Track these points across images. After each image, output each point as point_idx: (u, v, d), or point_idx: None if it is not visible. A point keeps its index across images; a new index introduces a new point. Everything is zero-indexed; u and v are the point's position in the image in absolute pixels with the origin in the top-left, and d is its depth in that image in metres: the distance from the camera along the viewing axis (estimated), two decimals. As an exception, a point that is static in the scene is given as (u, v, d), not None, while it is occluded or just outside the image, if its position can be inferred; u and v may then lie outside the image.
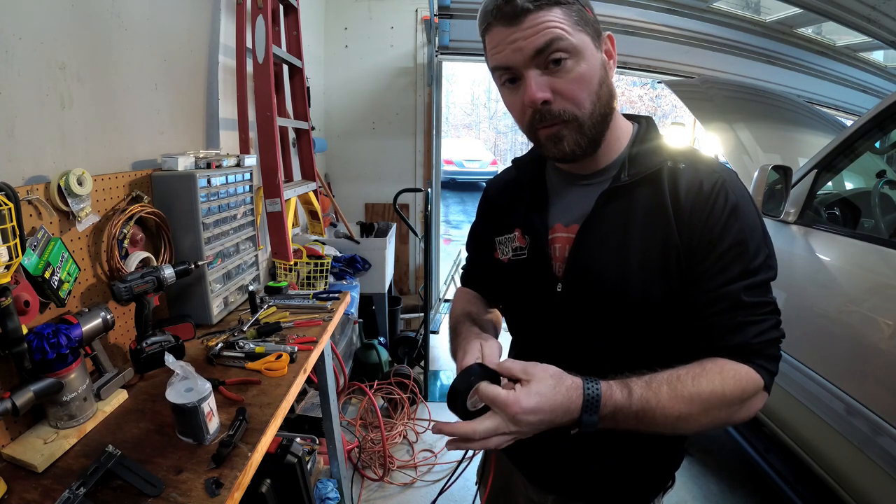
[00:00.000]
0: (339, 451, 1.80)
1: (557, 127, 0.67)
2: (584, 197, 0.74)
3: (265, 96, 1.80)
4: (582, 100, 0.65)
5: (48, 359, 0.86)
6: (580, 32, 0.63)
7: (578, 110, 0.65)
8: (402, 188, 3.25)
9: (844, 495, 1.39)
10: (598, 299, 0.71)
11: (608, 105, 0.68)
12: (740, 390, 0.63)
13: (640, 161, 0.71)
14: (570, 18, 0.63)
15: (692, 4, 2.38)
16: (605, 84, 0.67)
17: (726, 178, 0.68)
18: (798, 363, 1.55)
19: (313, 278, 2.21)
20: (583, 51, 0.63)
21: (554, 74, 0.64)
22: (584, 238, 0.72)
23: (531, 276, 0.78)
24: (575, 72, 0.63)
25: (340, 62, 3.49)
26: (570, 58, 0.63)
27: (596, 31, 0.66)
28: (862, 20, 2.03)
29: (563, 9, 0.62)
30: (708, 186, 0.67)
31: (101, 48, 1.20)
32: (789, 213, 1.73)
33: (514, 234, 0.81)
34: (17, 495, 0.78)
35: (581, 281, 0.72)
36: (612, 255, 0.70)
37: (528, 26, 0.62)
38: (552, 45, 0.62)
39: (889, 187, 1.88)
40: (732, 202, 0.66)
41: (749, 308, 0.65)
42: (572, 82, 0.64)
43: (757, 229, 0.67)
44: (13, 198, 0.83)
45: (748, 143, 2.35)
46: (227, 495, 0.78)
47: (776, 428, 1.70)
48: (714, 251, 0.65)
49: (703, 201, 0.66)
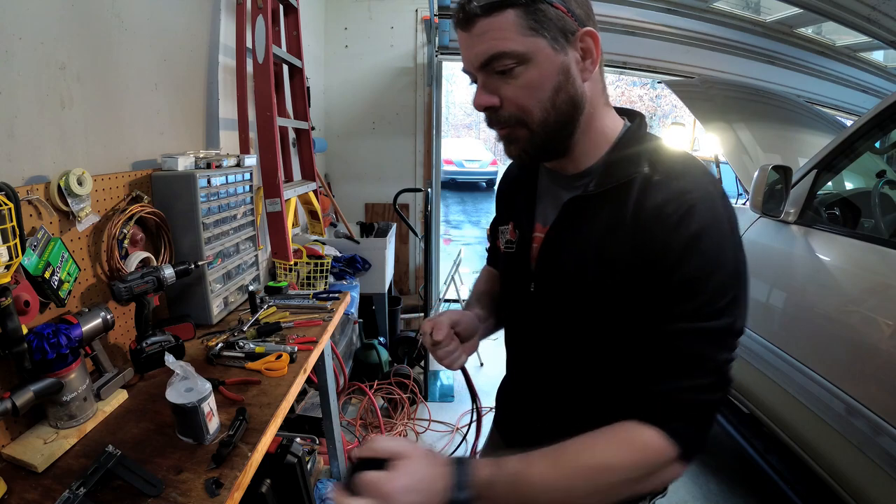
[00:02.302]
0: (339, 451, 1.80)
1: (506, 130, 0.66)
2: (560, 199, 0.72)
3: (265, 96, 1.80)
4: (529, 107, 0.63)
5: (48, 359, 0.86)
6: (533, 37, 0.60)
7: (526, 117, 0.63)
8: (402, 188, 3.25)
9: (844, 495, 1.39)
10: (564, 302, 0.71)
11: (567, 112, 0.64)
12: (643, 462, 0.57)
13: (614, 170, 0.66)
14: (523, 21, 0.59)
15: (692, 4, 2.37)
16: (563, 90, 0.62)
17: (698, 201, 0.59)
18: (798, 363, 1.55)
19: (313, 278, 2.21)
20: (533, 57, 0.60)
21: (503, 80, 0.62)
22: (550, 242, 0.72)
23: (514, 271, 0.81)
24: (523, 79, 0.61)
25: (340, 62, 3.49)
26: (519, 64, 0.61)
27: (562, 31, 0.61)
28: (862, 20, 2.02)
29: (517, 11, 0.59)
30: (672, 209, 0.59)
31: (101, 48, 1.20)
32: (789, 213, 1.73)
33: (509, 227, 0.83)
34: (17, 495, 0.78)
35: (549, 283, 0.73)
36: (574, 263, 0.68)
37: (477, 33, 0.61)
38: (494, 58, 0.61)
39: (889, 187, 1.88)
40: (694, 232, 0.58)
41: (684, 357, 0.58)
42: (519, 89, 0.62)
43: (723, 267, 0.59)
44: (13, 198, 0.83)
45: (748, 143, 2.35)
46: (227, 495, 0.78)
47: (776, 428, 1.70)
48: (663, 284, 0.59)
49: (662, 225, 0.59)
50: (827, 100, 3.01)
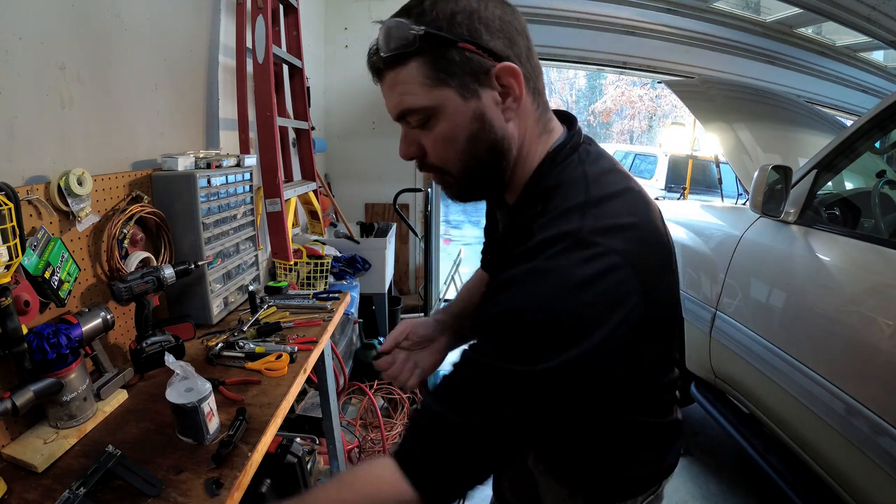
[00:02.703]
0: (339, 451, 1.80)
1: (437, 177, 0.65)
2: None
3: (265, 96, 1.80)
4: (447, 158, 0.61)
5: (48, 359, 0.86)
6: (438, 88, 0.56)
7: (447, 166, 0.62)
8: (402, 188, 3.24)
9: (844, 495, 1.39)
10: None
11: (488, 159, 0.60)
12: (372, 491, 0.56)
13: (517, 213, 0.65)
14: (427, 72, 0.55)
15: (692, 4, 2.38)
16: (481, 139, 0.58)
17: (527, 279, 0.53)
18: (798, 363, 1.55)
19: (313, 278, 2.21)
20: (441, 109, 0.57)
21: (421, 131, 0.61)
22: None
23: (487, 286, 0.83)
24: (436, 132, 0.59)
25: (340, 62, 3.49)
26: (429, 118, 0.58)
27: (472, 74, 0.56)
28: (862, 20, 2.03)
29: (418, 61, 0.55)
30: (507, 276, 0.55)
31: (101, 48, 1.20)
32: (789, 213, 1.73)
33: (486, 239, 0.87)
34: (17, 495, 0.78)
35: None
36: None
37: (387, 85, 0.60)
38: (404, 115, 0.60)
39: (889, 187, 1.88)
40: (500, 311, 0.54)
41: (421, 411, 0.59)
42: (434, 141, 0.60)
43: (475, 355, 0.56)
44: (13, 198, 0.83)
45: (748, 143, 2.35)
46: (227, 495, 0.78)
47: (776, 428, 1.70)
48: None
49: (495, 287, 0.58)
50: (827, 100, 3.01)
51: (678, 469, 0.86)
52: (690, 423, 2.55)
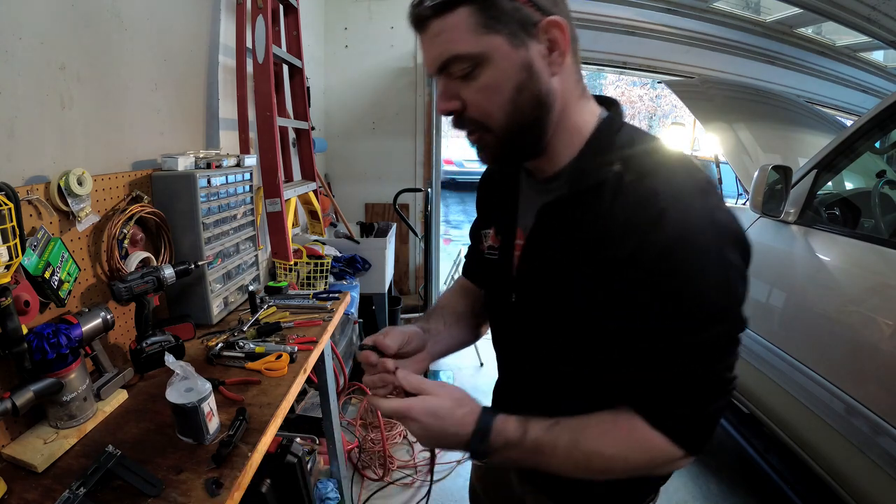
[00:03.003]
0: (339, 451, 1.80)
1: (474, 135, 0.62)
2: (536, 203, 0.68)
3: (265, 96, 1.80)
4: (490, 111, 0.59)
5: (48, 359, 0.86)
6: (488, 35, 0.55)
7: (489, 121, 0.59)
8: (402, 188, 3.25)
9: (844, 495, 1.39)
10: (542, 313, 0.68)
11: (534, 113, 0.59)
12: (647, 459, 0.59)
13: (585, 171, 0.62)
14: (477, 20, 0.55)
15: (692, 4, 2.38)
16: (527, 90, 0.58)
17: (670, 205, 0.53)
18: (798, 363, 1.55)
19: (313, 278, 2.21)
20: (490, 56, 0.56)
21: (463, 82, 0.59)
22: (528, 249, 0.69)
23: (496, 280, 0.77)
24: (481, 80, 0.57)
25: (340, 62, 3.49)
26: (476, 67, 0.57)
27: (521, 24, 0.56)
28: (862, 20, 2.03)
29: (469, 9, 0.55)
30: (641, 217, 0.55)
31: (101, 48, 1.20)
32: (789, 213, 1.73)
33: (490, 232, 0.78)
34: (17, 495, 0.78)
35: (528, 293, 0.70)
36: (551, 270, 0.65)
37: (430, 35, 0.58)
38: (449, 62, 0.58)
39: (889, 187, 1.88)
40: (665, 242, 0.53)
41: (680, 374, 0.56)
42: (478, 92, 0.58)
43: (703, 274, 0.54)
44: (13, 198, 0.83)
45: (748, 143, 2.35)
46: (227, 495, 0.78)
47: (776, 428, 1.70)
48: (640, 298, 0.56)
49: (632, 235, 0.55)
50: (827, 100, 3.01)
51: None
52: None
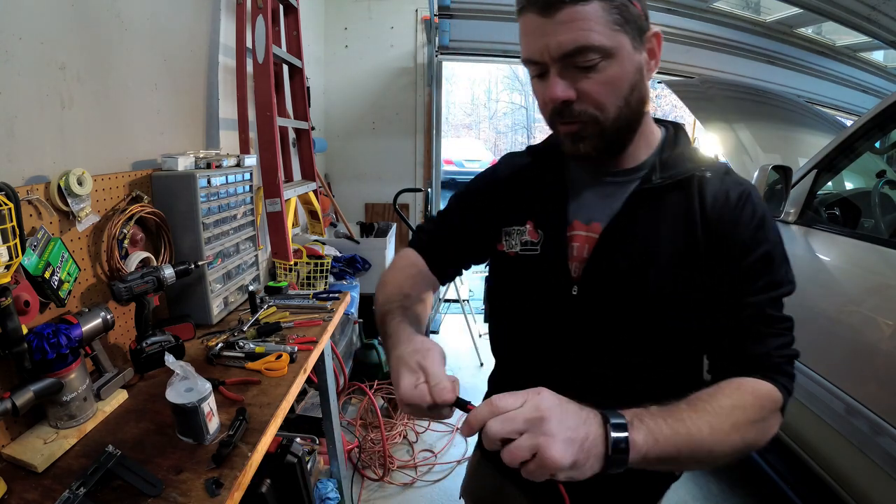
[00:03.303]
0: (339, 451, 1.80)
1: (577, 126, 0.64)
2: (608, 195, 0.71)
3: (265, 96, 1.80)
4: (607, 104, 0.62)
5: (48, 359, 0.86)
6: (618, 33, 0.59)
7: (601, 114, 0.62)
8: (402, 188, 3.25)
9: (844, 495, 1.39)
10: (615, 305, 0.68)
11: (637, 110, 0.65)
12: (759, 407, 0.60)
13: (672, 165, 0.68)
14: (610, 16, 0.58)
15: (692, 4, 2.38)
16: (637, 89, 0.63)
17: (751, 190, 0.68)
18: (798, 363, 1.55)
19: (313, 278, 2.21)
20: (617, 53, 0.59)
21: (581, 74, 0.60)
22: (609, 238, 0.69)
23: (542, 275, 0.74)
24: (605, 74, 0.60)
25: (340, 62, 3.49)
26: (602, 60, 0.59)
27: (639, 29, 0.61)
28: (862, 20, 2.03)
29: (603, 3, 0.57)
30: (734, 196, 0.66)
31: (101, 48, 1.20)
32: (789, 213, 1.73)
33: (526, 227, 0.75)
34: (17, 495, 0.78)
35: (601, 284, 0.69)
36: (636, 259, 0.67)
37: (561, 21, 0.57)
38: (581, 51, 0.58)
39: (889, 187, 1.88)
40: (760, 214, 0.66)
41: (772, 321, 0.65)
42: (599, 85, 0.60)
43: (780, 243, 0.67)
44: (13, 198, 0.83)
45: (748, 143, 2.34)
46: (227, 495, 0.78)
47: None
48: (743, 261, 0.64)
49: (731, 211, 0.65)
50: (827, 100, 3.01)
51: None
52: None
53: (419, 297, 0.78)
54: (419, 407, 0.55)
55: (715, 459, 0.57)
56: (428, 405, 0.54)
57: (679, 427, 0.54)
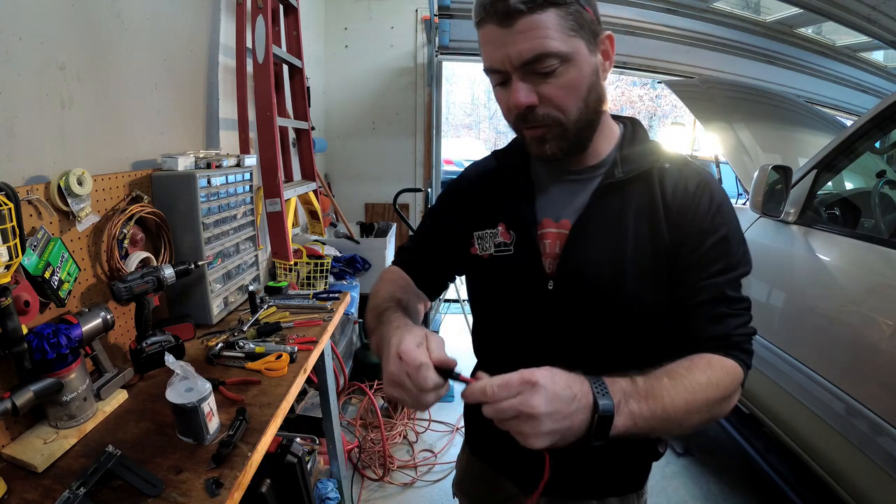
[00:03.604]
0: (339, 451, 1.80)
1: (541, 130, 0.67)
2: (573, 192, 0.74)
3: (265, 96, 1.80)
4: (568, 107, 0.65)
5: (48, 359, 0.86)
6: (573, 38, 0.62)
7: (563, 116, 0.65)
8: (402, 188, 3.24)
9: (844, 495, 1.39)
10: (591, 296, 0.71)
11: (596, 110, 0.69)
12: (728, 379, 0.64)
13: (632, 160, 0.72)
14: (565, 22, 0.61)
15: (692, 4, 2.37)
16: (595, 89, 0.66)
17: (709, 179, 0.72)
18: (798, 363, 1.55)
19: (313, 278, 2.21)
20: (574, 57, 0.62)
21: (542, 79, 0.63)
22: (579, 232, 0.72)
23: (518, 274, 0.76)
24: (563, 78, 0.63)
25: (340, 62, 3.49)
26: (560, 65, 0.62)
27: (593, 34, 0.64)
28: (862, 20, 2.02)
29: (558, 11, 0.60)
30: (693, 186, 0.70)
31: (101, 48, 1.20)
32: (789, 213, 1.73)
33: (498, 229, 0.78)
34: (17, 495, 0.78)
35: (575, 277, 0.72)
36: (606, 251, 0.70)
37: (519, 30, 0.60)
38: (540, 58, 0.61)
39: (889, 187, 1.88)
40: (718, 201, 0.70)
41: (730, 301, 0.68)
42: (559, 89, 0.63)
43: (738, 228, 0.71)
44: (13, 198, 0.83)
45: (748, 143, 2.34)
46: (227, 495, 0.78)
47: (776, 428, 1.70)
48: (701, 246, 0.68)
49: (690, 199, 0.69)
50: (827, 100, 3.00)
51: (678, 469, 0.86)
52: (690, 423, 2.54)
53: (412, 303, 0.80)
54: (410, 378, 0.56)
55: (683, 431, 0.63)
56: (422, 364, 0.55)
57: (657, 408, 0.57)
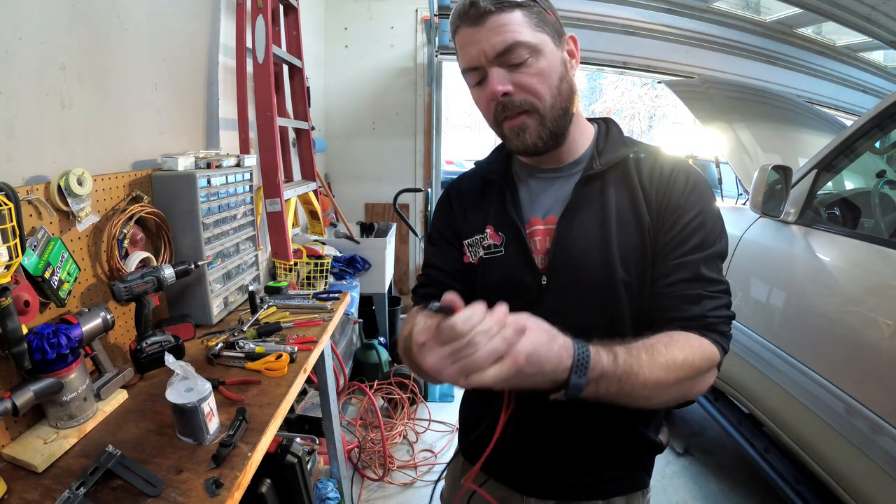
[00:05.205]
0: (339, 451, 1.80)
1: (521, 118, 0.71)
2: (555, 189, 0.78)
3: (265, 96, 1.80)
4: (541, 92, 0.69)
5: (48, 359, 0.86)
6: (539, 32, 0.69)
7: (539, 102, 0.70)
8: (402, 188, 3.25)
9: (844, 495, 1.39)
10: (583, 287, 0.73)
11: (569, 100, 0.73)
12: (704, 360, 0.65)
13: (608, 153, 0.77)
14: (530, 20, 0.68)
15: (692, 4, 2.37)
16: (565, 80, 0.72)
17: (685, 163, 0.76)
18: (798, 363, 1.55)
19: (313, 278, 2.21)
20: (542, 49, 0.68)
21: (515, 70, 0.68)
22: (566, 226, 0.74)
23: (511, 273, 0.77)
24: (534, 67, 0.68)
25: (340, 62, 3.49)
26: (531, 55, 0.68)
27: (557, 32, 0.72)
28: (862, 20, 2.02)
29: (523, 11, 0.67)
30: (668, 168, 0.74)
31: (101, 48, 1.20)
32: (789, 213, 1.73)
33: (487, 232, 0.80)
34: (17, 495, 0.78)
35: (566, 270, 0.74)
36: (594, 241, 0.73)
37: (490, 28, 0.67)
38: (512, 48, 0.67)
39: (889, 187, 1.88)
40: (693, 181, 0.73)
41: (706, 282, 0.70)
42: (531, 76, 0.69)
43: (714, 207, 0.74)
44: (13, 198, 0.83)
45: (748, 143, 2.34)
46: (227, 495, 0.78)
47: (776, 428, 1.70)
48: (676, 224, 0.71)
49: (666, 181, 0.73)
50: (827, 100, 3.00)
51: (678, 469, 0.86)
52: (690, 423, 2.55)
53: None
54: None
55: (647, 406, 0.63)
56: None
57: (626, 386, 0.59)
